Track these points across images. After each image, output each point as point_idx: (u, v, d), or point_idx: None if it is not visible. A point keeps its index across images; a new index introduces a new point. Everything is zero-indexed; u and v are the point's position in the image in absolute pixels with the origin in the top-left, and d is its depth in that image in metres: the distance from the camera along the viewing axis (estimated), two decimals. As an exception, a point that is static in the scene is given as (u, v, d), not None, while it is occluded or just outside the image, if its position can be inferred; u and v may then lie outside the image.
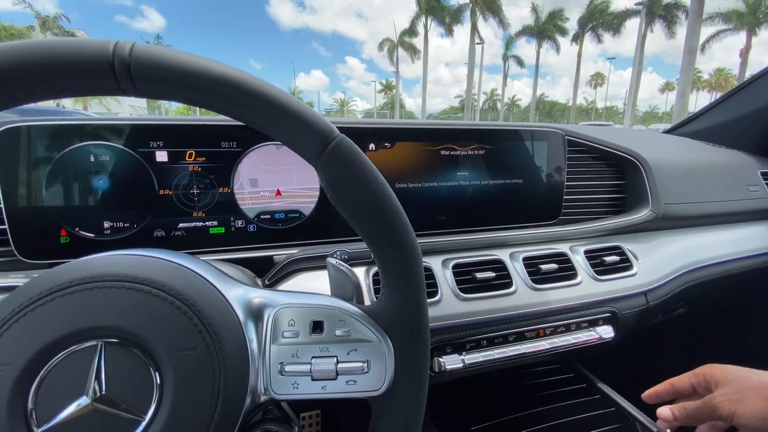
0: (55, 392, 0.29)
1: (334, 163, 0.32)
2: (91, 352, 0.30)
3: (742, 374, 0.51)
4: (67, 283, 0.30)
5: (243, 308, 0.36)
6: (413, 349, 0.36)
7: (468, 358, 0.63)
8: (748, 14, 22.32)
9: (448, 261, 0.67)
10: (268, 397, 0.35)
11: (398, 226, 0.33)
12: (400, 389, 0.36)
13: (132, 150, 0.57)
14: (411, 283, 0.35)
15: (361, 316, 0.36)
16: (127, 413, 0.29)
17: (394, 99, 46.80)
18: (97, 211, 0.57)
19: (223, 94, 0.29)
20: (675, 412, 0.53)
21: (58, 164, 0.54)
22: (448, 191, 0.74)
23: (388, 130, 0.69)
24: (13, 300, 0.30)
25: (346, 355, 0.36)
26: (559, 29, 31.50)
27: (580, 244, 0.78)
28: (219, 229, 0.63)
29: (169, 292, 0.32)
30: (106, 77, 0.27)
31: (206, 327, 0.32)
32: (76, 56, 0.26)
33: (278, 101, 0.30)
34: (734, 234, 0.94)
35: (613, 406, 0.77)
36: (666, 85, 63.24)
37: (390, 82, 59.17)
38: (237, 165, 0.62)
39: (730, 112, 1.17)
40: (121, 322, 0.30)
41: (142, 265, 0.33)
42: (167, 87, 0.28)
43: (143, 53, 0.27)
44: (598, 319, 0.73)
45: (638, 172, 0.88)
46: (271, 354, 0.35)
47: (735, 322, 1.11)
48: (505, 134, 0.76)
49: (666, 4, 23.34)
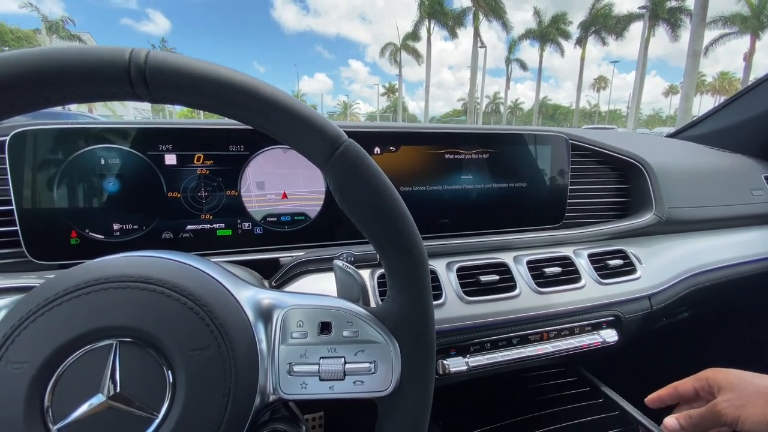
0: (71, 390, 0.30)
1: (343, 167, 0.32)
2: (106, 351, 0.30)
3: (746, 379, 0.51)
4: (83, 284, 0.31)
5: (253, 309, 0.36)
6: (419, 350, 0.36)
7: (472, 361, 0.63)
8: (751, 18, 22.26)
9: (453, 264, 0.67)
10: (277, 396, 0.36)
11: (405, 230, 0.34)
12: (406, 390, 0.36)
13: (141, 153, 0.58)
14: (417, 285, 0.35)
15: (369, 318, 0.37)
16: (141, 411, 0.30)
17: (396, 102, 46.85)
18: (107, 213, 0.58)
19: (234, 100, 0.30)
20: (681, 421, 0.53)
21: (69, 167, 0.55)
22: (452, 194, 0.75)
23: (393, 134, 0.70)
24: (31, 300, 0.31)
25: (353, 356, 0.36)
26: (562, 33, 31.51)
27: (583, 247, 0.78)
28: (226, 231, 0.64)
29: (182, 293, 0.33)
30: (122, 83, 0.28)
31: (218, 327, 0.32)
32: (93, 63, 0.27)
33: (288, 106, 0.31)
34: (738, 238, 0.94)
35: (616, 410, 0.77)
36: (670, 89, 63.06)
37: (393, 85, 59.33)
38: (244, 168, 0.63)
39: (734, 116, 1.17)
40: (136, 322, 0.31)
41: (156, 266, 0.34)
42: (181, 93, 0.29)
43: (158, 60, 0.28)
44: (602, 323, 0.73)
45: (642, 176, 0.88)
46: (280, 354, 0.36)
47: (739, 326, 1.11)
48: (509, 138, 0.77)
49: (670, 8, 23.32)
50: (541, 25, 31.79)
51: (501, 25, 27.23)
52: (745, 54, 25.13)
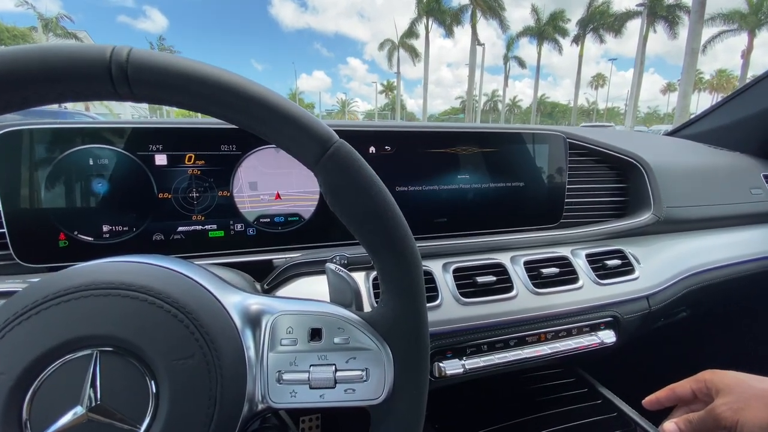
0: (50, 402, 0.29)
1: (333, 169, 0.31)
2: (86, 361, 0.29)
3: (744, 381, 0.50)
4: (63, 291, 0.30)
5: (240, 315, 0.35)
6: (412, 357, 0.35)
7: (468, 363, 0.62)
8: (750, 14, 22.27)
9: (449, 265, 0.66)
10: (266, 405, 0.35)
11: (398, 233, 0.33)
12: (399, 398, 0.35)
13: (131, 153, 0.57)
14: (410, 290, 0.34)
15: (360, 324, 0.36)
16: (123, 423, 0.29)
17: (395, 100, 46.83)
18: (96, 214, 0.57)
19: (220, 100, 0.29)
20: (680, 425, 0.52)
21: (58, 167, 0.54)
22: (448, 194, 0.74)
23: (388, 133, 0.69)
24: (8, 308, 0.30)
25: (344, 363, 0.35)
26: (560, 30, 31.49)
27: (581, 247, 0.77)
28: (218, 232, 0.63)
29: (165, 300, 0.31)
30: (104, 82, 0.27)
31: (203, 335, 0.31)
32: (73, 61, 0.26)
33: (276, 106, 0.30)
34: (737, 237, 0.93)
35: (614, 412, 0.76)
36: (668, 86, 63.15)
37: (391, 83, 59.25)
38: (236, 168, 0.62)
39: (732, 115, 1.17)
40: (117, 331, 0.30)
41: (138, 272, 0.33)
42: (165, 92, 0.28)
43: (140, 58, 0.27)
44: (600, 324, 0.72)
45: (640, 175, 0.87)
46: (269, 362, 0.35)
47: (738, 326, 1.10)
48: (507, 137, 0.76)
49: (668, 5, 23.32)
50: (539, 22, 31.75)
51: (498, 23, 27.22)
52: (743, 51, 25.18)
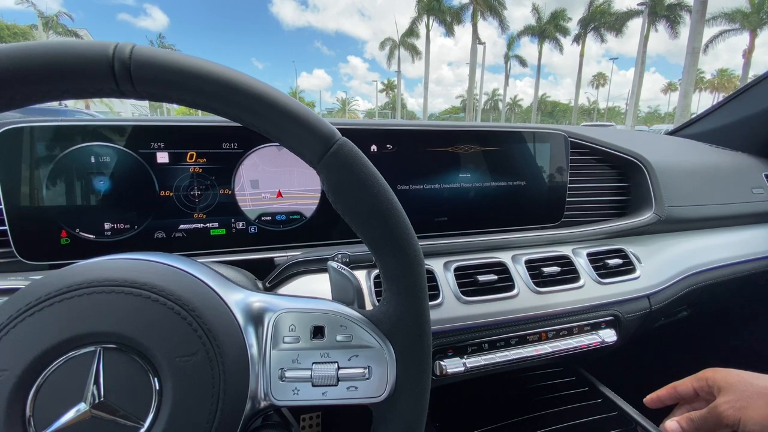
0: (54, 399, 0.29)
1: (336, 167, 0.31)
2: (89, 358, 0.29)
3: (746, 379, 0.50)
4: (65, 288, 0.30)
5: (243, 313, 0.35)
6: (415, 355, 0.35)
7: (470, 362, 0.62)
8: (752, 14, 22.21)
9: (450, 263, 0.66)
10: (268, 402, 0.35)
11: (400, 231, 0.33)
12: (401, 396, 0.36)
13: (133, 151, 0.57)
14: (413, 288, 0.34)
15: (363, 322, 0.36)
16: (126, 420, 0.29)
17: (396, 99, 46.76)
18: (98, 212, 0.57)
19: (223, 97, 0.29)
20: (682, 423, 0.52)
21: (59, 165, 0.54)
22: (450, 193, 0.74)
23: (390, 131, 0.69)
24: (12, 305, 0.30)
25: (347, 361, 0.35)
26: (561, 29, 31.43)
27: (582, 246, 0.77)
28: (220, 230, 0.63)
29: (169, 297, 0.32)
30: (106, 79, 0.27)
31: (206, 332, 0.31)
32: (76, 58, 0.26)
33: (279, 104, 0.30)
34: (738, 237, 0.93)
35: (615, 410, 0.76)
36: (669, 86, 63.06)
37: (392, 81, 59.18)
38: (238, 166, 0.62)
39: (734, 114, 1.16)
40: (120, 328, 0.30)
41: (141, 269, 0.33)
42: (167, 89, 0.28)
43: (143, 55, 0.27)
44: (601, 323, 0.72)
45: (641, 174, 0.87)
46: (272, 359, 0.35)
47: (739, 326, 1.10)
48: (508, 136, 0.76)
49: (669, 5, 23.26)
50: (540, 21, 31.70)
51: (499, 23, 27.17)
52: (745, 51, 25.12)
